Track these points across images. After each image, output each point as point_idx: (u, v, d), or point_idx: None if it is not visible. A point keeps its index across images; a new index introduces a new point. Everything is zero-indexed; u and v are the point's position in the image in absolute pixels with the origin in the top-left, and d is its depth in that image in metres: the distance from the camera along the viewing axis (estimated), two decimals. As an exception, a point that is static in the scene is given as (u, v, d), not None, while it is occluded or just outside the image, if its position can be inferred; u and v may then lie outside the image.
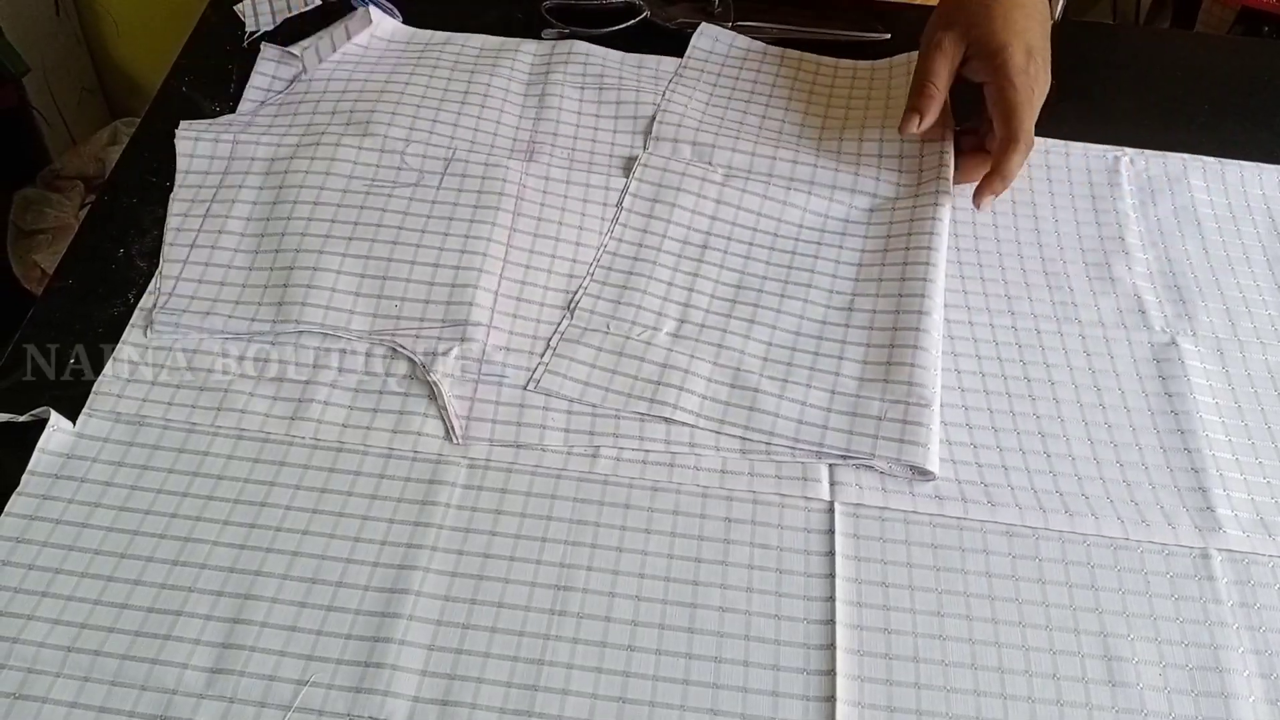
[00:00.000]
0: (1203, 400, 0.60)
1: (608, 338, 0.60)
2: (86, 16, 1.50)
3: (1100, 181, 0.72)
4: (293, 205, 0.63)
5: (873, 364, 0.59)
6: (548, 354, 0.59)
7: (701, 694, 0.48)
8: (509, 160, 0.67)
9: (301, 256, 0.61)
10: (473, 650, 0.48)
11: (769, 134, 0.71)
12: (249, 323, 0.58)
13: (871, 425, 0.56)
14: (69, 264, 0.62)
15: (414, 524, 0.52)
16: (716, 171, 0.68)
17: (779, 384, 0.58)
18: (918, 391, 0.57)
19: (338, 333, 0.58)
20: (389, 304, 0.60)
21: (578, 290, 0.62)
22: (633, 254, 0.64)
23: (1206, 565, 0.53)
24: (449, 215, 0.64)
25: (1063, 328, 0.63)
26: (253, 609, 0.48)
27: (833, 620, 0.50)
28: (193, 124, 0.68)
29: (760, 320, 0.61)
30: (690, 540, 0.52)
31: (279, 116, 0.69)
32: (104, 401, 0.55)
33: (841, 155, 0.70)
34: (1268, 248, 0.69)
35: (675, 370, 0.58)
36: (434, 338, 0.58)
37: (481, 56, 0.75)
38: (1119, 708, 0.48)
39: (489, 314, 0.60)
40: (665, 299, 0.62)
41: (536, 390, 0.57)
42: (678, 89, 0.74)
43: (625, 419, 0.56)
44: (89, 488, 0.52)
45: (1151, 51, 0.86)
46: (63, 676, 0.46)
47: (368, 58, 0.74)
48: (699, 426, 0.56)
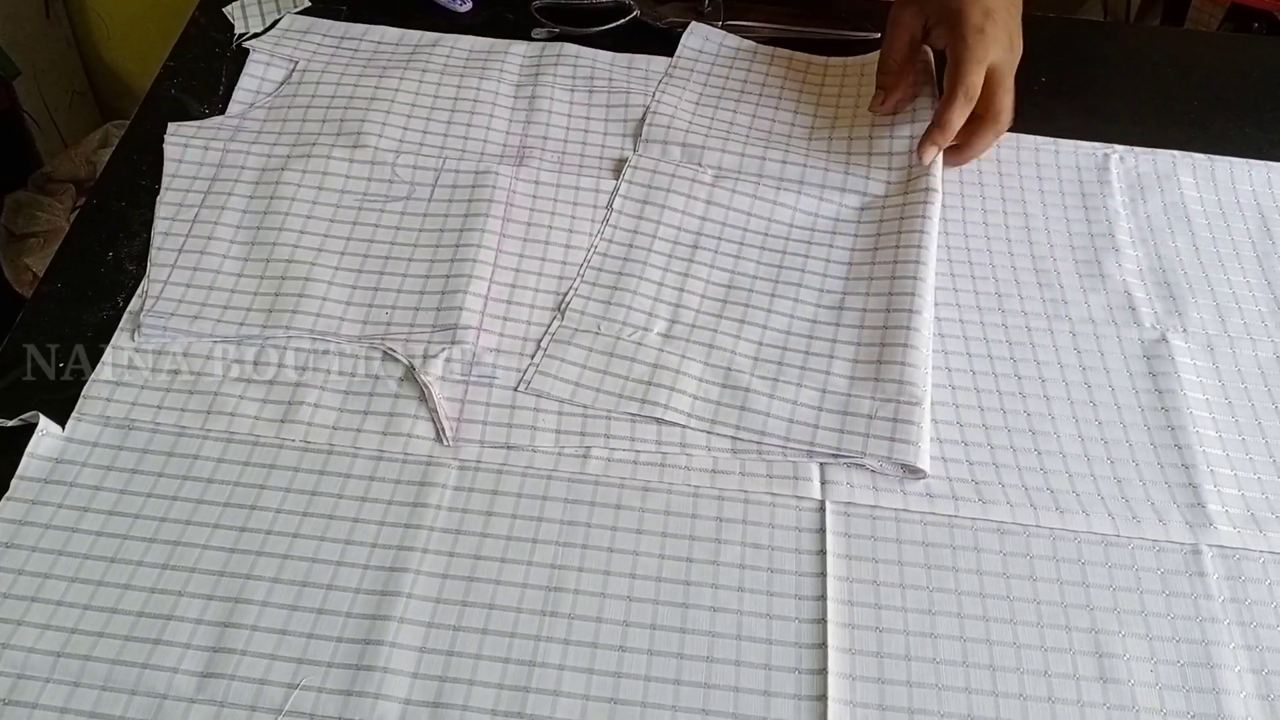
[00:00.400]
0: (1193, 396, 0.60)
1: (598, 338, 0.60)
2: (77, 19, 1.50)
3: (1090, 179, 0.72)
4: (284, 217, 0.63)
5: (863, 363, 0.59)
6: (538, 355, 0.59)
7: (694, 694, 0.48)
8: (499, 166, 0.67)
9: (293, 268, 0.61)
10: (464, 652, 0.48)
11: (759, 133, 0.71)
12: (237, 327, 0.58)
13: (862, 424, 0.56)
14: (58, 267, 0.61)
15: (405, 526, 0.52)
16: (706, 172, 0.68)
17: (770, 384, 0.58)
18: (908, 390, 0.57)
19: (327, 338, 0.58)
20: (380, 312, 0.60)
21: (568, 292, 0.62)
22: (623, 255, 0.64)
23: (1197, 561, 0.53)
24: (440, 227, 0.64)
25: (1053, 325, 0.63)
26: (243, 613, 0.48)
27: (824, 619, 0.50)
28: (181, 126, 0.68)
29: (751, 320, 0.61)
30: (682, 540, 0.52)
31: (268, 122, 0.69)
32: (93, 405, 0.55)
33: (831, 154, 0.70)
34: (1257, 244, 0.69)
35: (666, 371, 0.58)
36: (424, 341, 0.58)
37: (471, 60, 0.74)
38: (1111, 704, 0.49)
39: (479, 317, 0.60)
40: (656, 299, 0.62)
41: (527, 391, 0.57)
42: (668, 89, 0.74)
43: (616, 420, 0.56)
44: (78, 492, 0.52)
45: (1142, 48, 0.86)
46: (52, 682, 0.46)
47: (357, 60, 0.73)
48: (690, 427, 0.56)
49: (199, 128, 0.68)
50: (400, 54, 0.74)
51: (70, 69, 1.52)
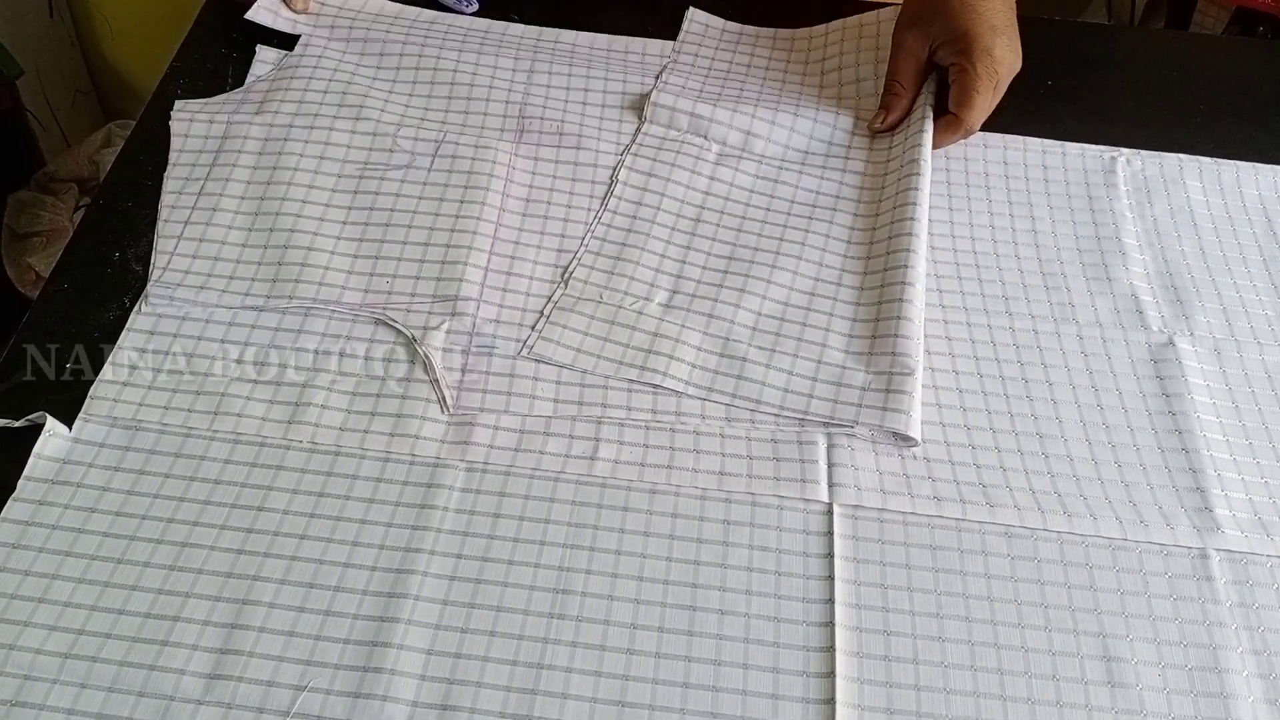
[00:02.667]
0: (1200, 400, 0.60)
1: (600, 307, 0.61)
2: (80, 18, 1.50)
3: (1097, 182, 0.72)
4: (287, 187, 0.64)
5: (859, 336, 0.60)
6: (541, 322, 0.60)
7: (701, 697, 0.48)
8: (499, 141, 0.68)
9: (296, 236, 0.62)
10: (471, 654, 0.48)
11: (765, 109, 0.72)
12: (243, 297, 0.59)
13: (856, 395, 0.57)
14: (64, 268, 0.61)
15: (412, 528, 0.52)
16: (711, 149, 0.70)
17: (767, 354, 0.59)
18: (901, 361, 0.58)
19: (329, 307, 0.59)
20: (381, 280, 0.61)
21: (572, 260, 0.63)
22: (627, 226, 0.65)
23: (1205, 565, 0.53)
24: (440, 196, 0.65)
25: (1060, 328, 0.63)
26: (250, 614, 0.48)
27: (832, 622, 0.50)
28: (188, 104, 0.69)
29: (751, 290, 0.62)
30: (689, 543, 0.52)
31: (272, 92, 0.70)
32: (100, 406, 0.55)
33: (835, 131, 0.72)
34: (1264, 248, 0.69)
35: (666, 339, 0.59)
36: (425, 312, 0.59)
37: (469, 35, 0.76)
38: (1118, 709, 0.48)
39: (479, 289, 0.61)
40: (658, 270, 0.63)
41: (530, 356, 0.58)
42: (675, 66, 0.75)
43: (613, 389, 0.57)
44: (85, 493, 0.52)
45: (1147, 52, 0.86)
46: (59, 683, 0.46)
47: (355, 34, 0.74)
48: (687, 394, 0.57)
49: (205, 104, 0.69)
50: (399, 27, 0.75)
51: (73, 68, 1.52)
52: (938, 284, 0.65)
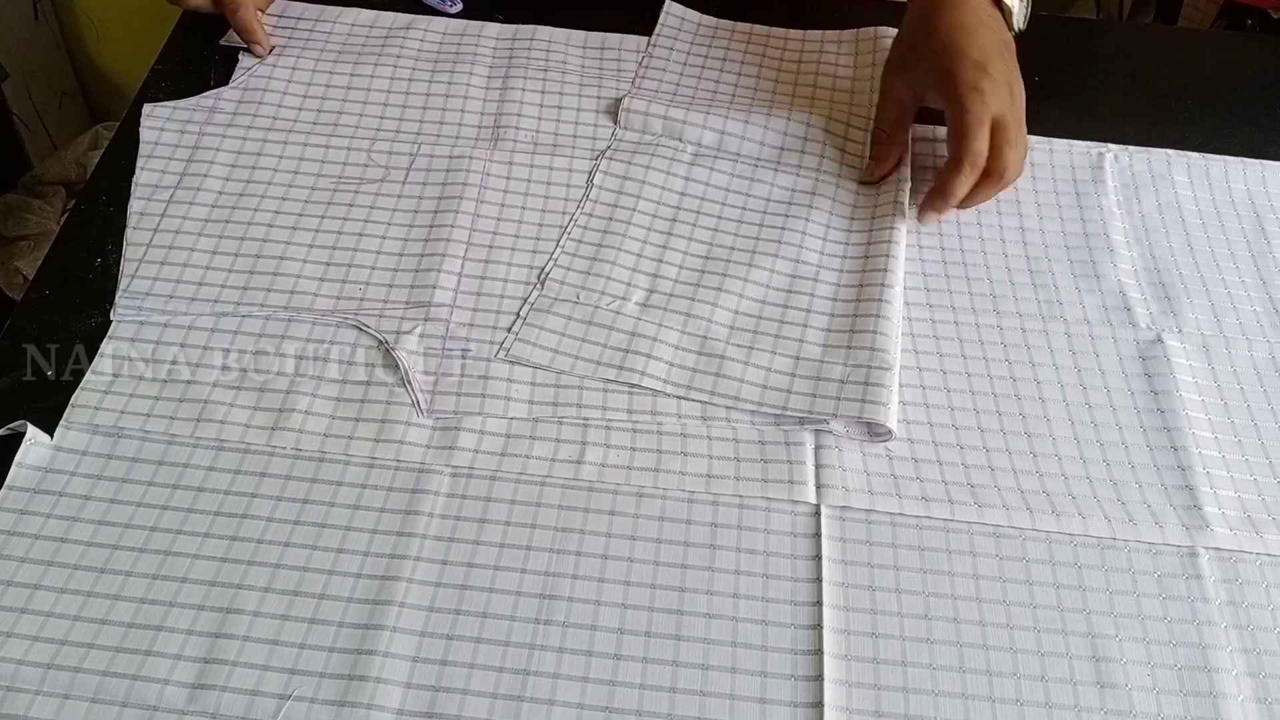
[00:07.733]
0: (1189, 398, 0.60)
1: (577, 307, 0.61)
2: (65, 20, 1.49)
3: (1084, 178, 0.72)
4: (259, 199, 0.64)
5: (836, 332, 0.61)
6: (517, 323, 0.60)
7: (689, 701, 0.47)
8: (474, 150, 0.68)
9: (268, 246, 0.62)
10: (458, 661, 0.48)
11: (739, 109, 0.72)
12: (213, 304, 0.59)
13: (834, 389, 0.57)
14: (45, 273, 0.61)
15: (397, 534, 0.51)
16: (686, 149, 0.70)
17: (745, 351, 0.59)
18: (879, 356, 0.58)
19: (301, 315, 0.59)
20: (354, 288, 0.61)
21: (548, 262, 0.63)
22: (603, 227, 0.65)
23: (1194, 564, 0.53)
24: (414, 208, 0.65)
25: (1048, 326, 0.63)
26: (235, 623, 0.48)
27: (819, 625, 0.50)
28: (158, 107, 0.69)
29: (728, 289, 0.62)
30: (676, 546, 0.52)
31: (243, 104, 0.70)
32: (82, 414, 0.54)
33: (810, 129, 0.71)
34: (1252, 243, 0.69)
35: (643, 338, 0.59)
36: (398, 317, 0.59)
37: (444, 43, 0.75)
38: (1107, 709, 0.48)
39: (452, 295, 0.61)
40: (634, 270, 0.63)
41: (507, 358, 0.58)
42: (649, 66, 0.75)
43: (588, 389, 0.57)
44: (67, 501, 0.51)
45: (1135, 47, 0.85)
46: (42, 694, 0.45)
47: (331, 45, 0.74)
48: (666, 393, 0.57)
49: (174, 108, 0.69)
50: (375, 37, 0.75)
51: (59, 71, 1.51)
52: (925, 283, 0.65)
